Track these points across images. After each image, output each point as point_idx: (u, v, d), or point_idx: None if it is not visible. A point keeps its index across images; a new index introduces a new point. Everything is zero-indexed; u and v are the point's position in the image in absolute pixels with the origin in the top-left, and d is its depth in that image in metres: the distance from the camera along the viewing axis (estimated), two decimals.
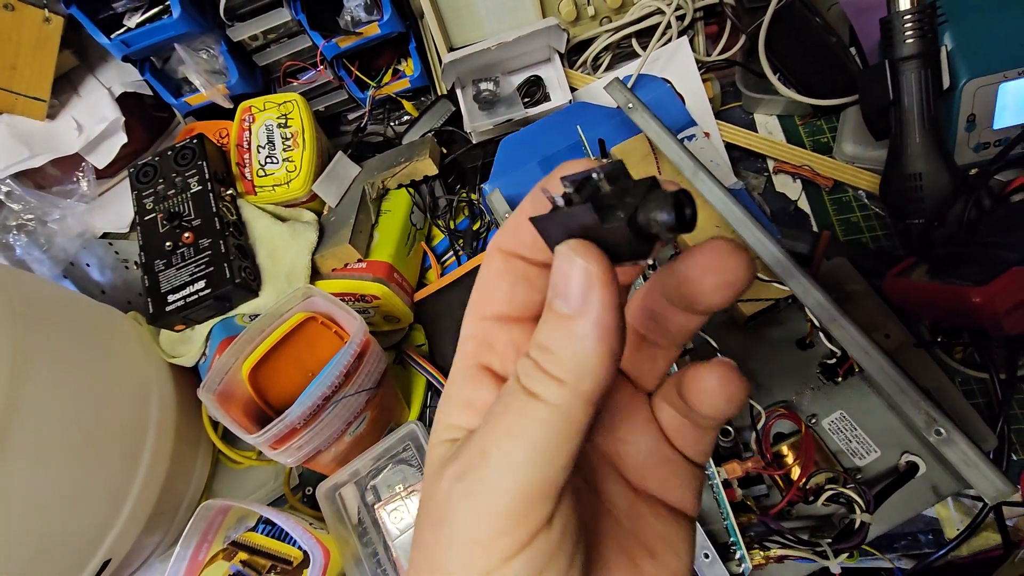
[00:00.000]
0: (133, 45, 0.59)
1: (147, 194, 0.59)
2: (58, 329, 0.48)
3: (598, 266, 0.13)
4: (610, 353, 0.14)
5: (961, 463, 0.31)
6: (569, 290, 0.14)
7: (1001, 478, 0.30)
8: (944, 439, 0.32)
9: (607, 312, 0.13)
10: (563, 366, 0.14)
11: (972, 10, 0.47)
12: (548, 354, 0.14)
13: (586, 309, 0.13)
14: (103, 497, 0.47)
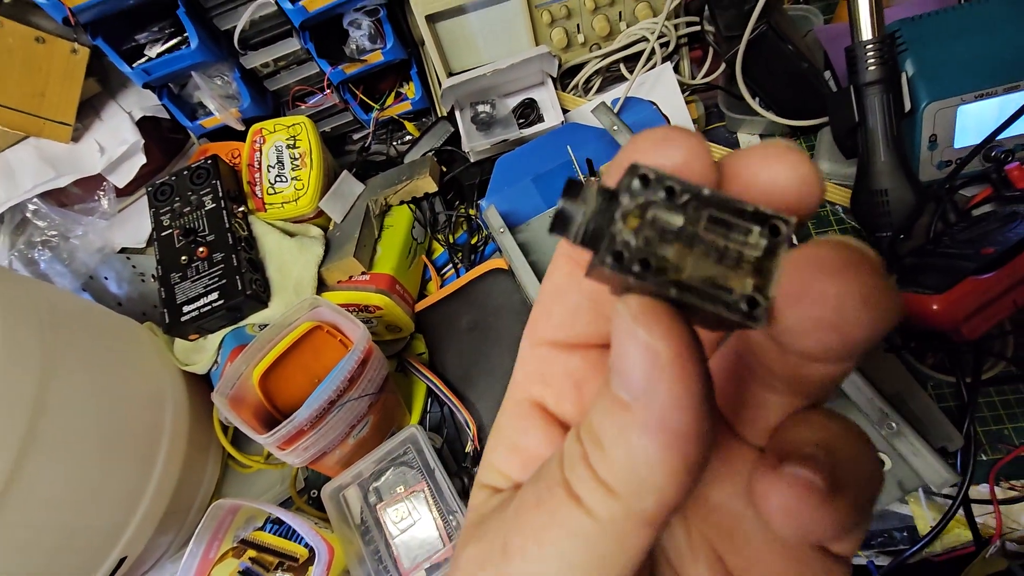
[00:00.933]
0: (153, 73, 0.63)
1: (164, 211, 0.63)
2: (81, 337, 0.51)
3: (667, 345, 0.10)
4: (684, 466, 0.10)
5: (910, 454, 0.34)
6: (627, 370, 0.10)
7: (945, 467, 0.33)
8: (895, 432, 0.34)
9: (679, 412, 0.09)
10: (617, 473, 0.10)
11: (930, 39, 0.51)
12: (599, 449, 0.10)
13: (649, 402, 0.10)
14: (121, 496, 0.50)
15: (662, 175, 0.10)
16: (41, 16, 0.60)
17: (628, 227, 0.10)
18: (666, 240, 0.10)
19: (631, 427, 0.10)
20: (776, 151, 0.11)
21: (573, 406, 0.14)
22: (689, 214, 0.10)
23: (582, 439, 0.11)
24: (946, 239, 0.51)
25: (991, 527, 0.49)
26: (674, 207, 0.10)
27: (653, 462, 0.10)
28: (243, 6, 0.62)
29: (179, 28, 0.62)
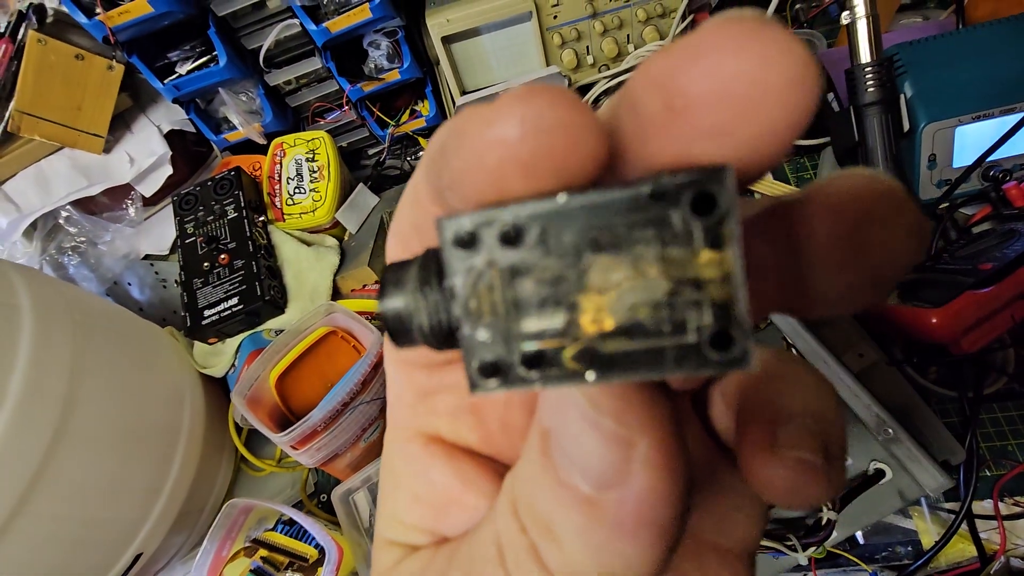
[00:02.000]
0: (183, 89, 0.67)
1: (188, 220, 0.65)
2: (109, 339, 0.54)
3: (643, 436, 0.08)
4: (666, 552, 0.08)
5: (907, 459, 0.35)
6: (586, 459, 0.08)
7: (940, 471, 0.34)
8: (892, 438, 0.35)
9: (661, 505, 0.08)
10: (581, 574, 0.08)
11: (928, 63, 0.52)
12: (553, 544, 0.08)
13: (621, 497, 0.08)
14: (140, 492, 0.52)
15: (484, 219, 0.07)
16: (81, 35, 0.63)
17: (484, 312, 0.07)
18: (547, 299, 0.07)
19: (599, 524, 0.08)
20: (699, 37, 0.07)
21: (473, 431, 0.12)
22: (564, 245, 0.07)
23: (524, 523, 0.09)
24: (946, 256, 0.52)
25: (995, 543, 0.49)
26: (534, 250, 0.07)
27: (632, 563, 0.08)
28: (269, 27, 0.65)
29: (209, 47, 0.65)
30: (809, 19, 0.76)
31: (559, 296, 0.07)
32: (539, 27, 0.68)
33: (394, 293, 0.08)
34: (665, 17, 0.68)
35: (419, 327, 0.08)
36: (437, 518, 0.12)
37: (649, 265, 0.06)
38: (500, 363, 0.07)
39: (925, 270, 0.51)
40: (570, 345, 0.07)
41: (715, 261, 0.06)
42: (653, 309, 0.07)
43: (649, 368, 0.07)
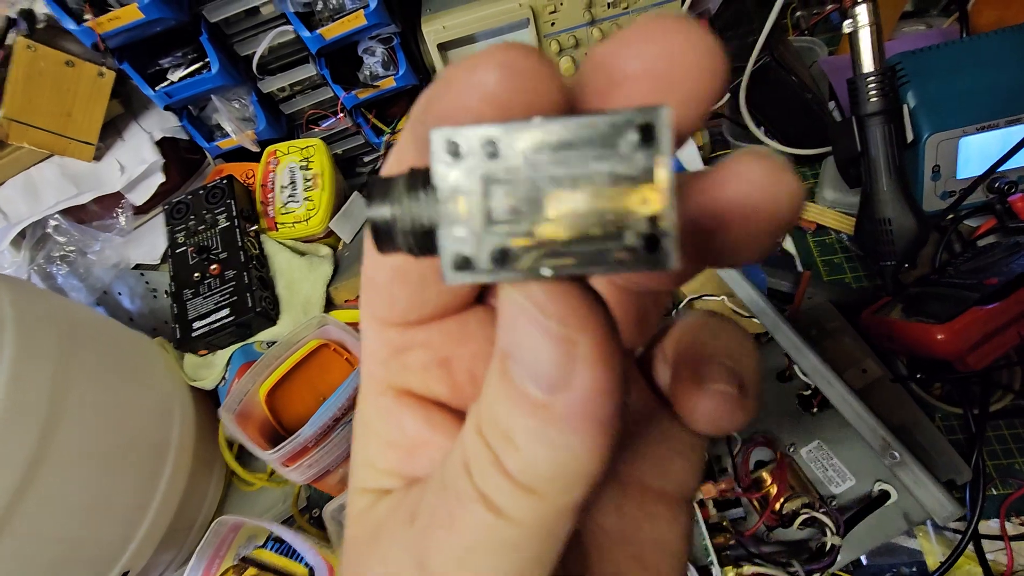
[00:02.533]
0: (175, 96, 0.66)
1: (179, 229, 0.64)
2: (95, 351, 0.52)
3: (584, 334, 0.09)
4: (608, 447, 0.09)
5: (913, 484, 0.34)
6: (536, 364, 0.09)
7: (949, 498, 0.33)
8: (898, 462, 0.34)
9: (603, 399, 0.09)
10: (537, 473, 0.09)
11: (932, 72, 0.51)
12: (511, 449, 0.09)
13: (570, 397, 0.09)
14: (126, 509, 0.51)
15: (473, 132, 0.08)
16: (72, 41, 0.62)
17: (461, 214, 0.08)
18: (517, 208, 0.08)
19: (550, 424, 0.09)
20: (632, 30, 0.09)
21: (442, 384, 0.13)
22: (531, 161, 0.08)
23: (487, 438, 0.10)
24: (950, 269, 0.51)
25: (1002, 564, 0.48)
26: (509, 162, 0.08)
27: (580, 455, 0.09)
28: (263, 33, 0.64)
29: (201, 54, 0.64)
30: (810, 26, 0.75)
31: (525, 205, 0.08)
32: (536, 34, 0.67)
33: (381, 201, 0.09)
34: None
35: (402, 231, 0.09)
36: (408, 460, 0.13)
37: (601, 183, 0.08)
38: (471, 258, 0.08)
39: (929, 284, 0.50)
40: (531, 246, 0.08)
41: (652, 181, 0.08)
42: (601, 219, 0.08)
43: (594, 265, 0.08)
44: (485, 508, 0.10)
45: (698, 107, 0.09)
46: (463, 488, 0.10)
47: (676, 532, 0.14)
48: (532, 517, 0.10)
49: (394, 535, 0.12)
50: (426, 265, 0.11)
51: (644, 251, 0.08)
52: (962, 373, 0.51)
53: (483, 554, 0.10)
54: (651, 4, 0.66)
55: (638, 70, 0.09)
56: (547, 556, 0.10)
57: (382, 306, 0.13)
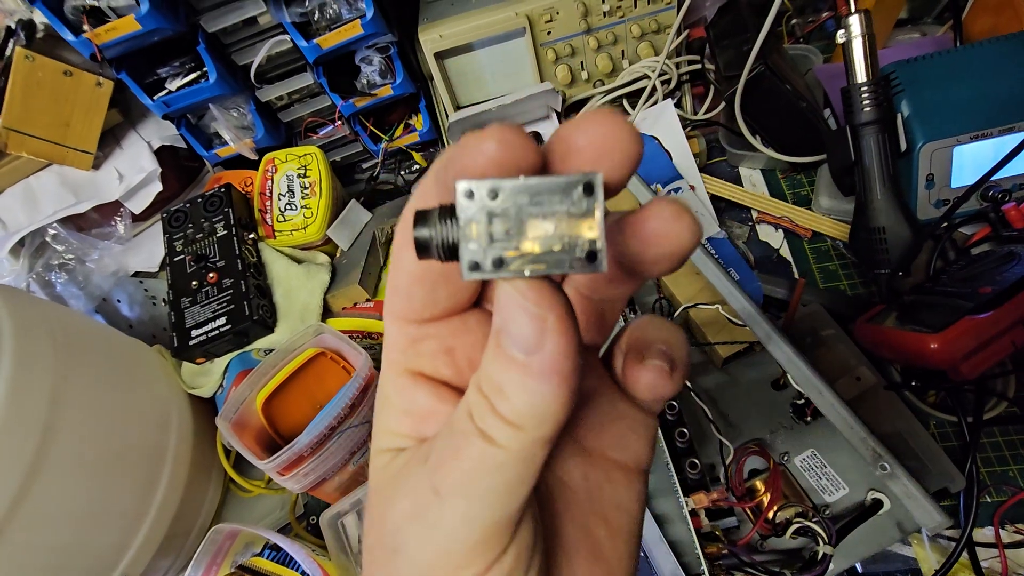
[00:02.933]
0: (173, 105, 0.66)
1: (177, 237, 0.65)
2: (93, 359, 0.53)
3: (552, 313, 0.13)
4: (570, 395, 0.13)
5: (903, 496, 0.34)
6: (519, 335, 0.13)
7: (938, 510, 0.33)
8: (888, 473, 0.34)
9: (564, 359, 0.13)
10: (520, 412, 0.13)
11: (925, 81, 0.52)
12: (503, 398, 0.13)
13: (542, 356, 0.13)
14: (124, 517, 0.51)
15: (482, 184, 0.12)
16: (70, 51, 0.63)
17: (473, 235, 0.12)
18: (508, 231, 0.12)
19: (529, 376, 0.13)
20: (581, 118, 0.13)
21: (448, 368, 0.17)
22: (517, 203, 0.12)
23: (484, 391, 0.14)
24: (944, 277, 0.51)
25: (997, 572, 0.48)
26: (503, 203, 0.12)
27: (549, 399, 0.13)
28: (260, 43, 0.65)
29: (199, 63, 0.65)
30: (805, 34, 0.75)
31: (514, 230, 0.12)
32: (533, 43, 0.67)
33: (423, 226, 0.13)
34: (660, 33, 0.68)
35: (436, 246, 0.13)
36: (420, 425, 0.16)
37: (560, 218, 0.12)
38: (479, 263, 0.12)
39: (923, 292, 0.51)
40: (517, 256, 0.12)
41: (591, 218, 0.12)
42: (561, 240, 0.12)
43: (557, 268, 0.12)
44: (483, 440, 0.13)
45: (623, 170, 0.13)
46: (466, 427, 0.14)
47: (632, 495, 0.18)
48: (517, 445, 0.13)
49: (411, 473, 0.15)
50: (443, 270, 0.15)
51: (587, 260, 0.12)
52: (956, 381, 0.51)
53: (481, 474, 0.14)
54: (646, 13, 0.66)
55: (585, 144, 0.13)
56: (527, 476, 0.14)
57: (402, 306, 0.16)
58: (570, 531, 0.17)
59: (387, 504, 0.15)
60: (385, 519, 0.15)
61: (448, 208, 0.13)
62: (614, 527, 0.17)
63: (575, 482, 0.17)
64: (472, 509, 0.14)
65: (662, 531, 0.41)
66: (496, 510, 0.14)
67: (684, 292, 0.52)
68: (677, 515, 0.41)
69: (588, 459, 0.17)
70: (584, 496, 0.17)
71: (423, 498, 0.14)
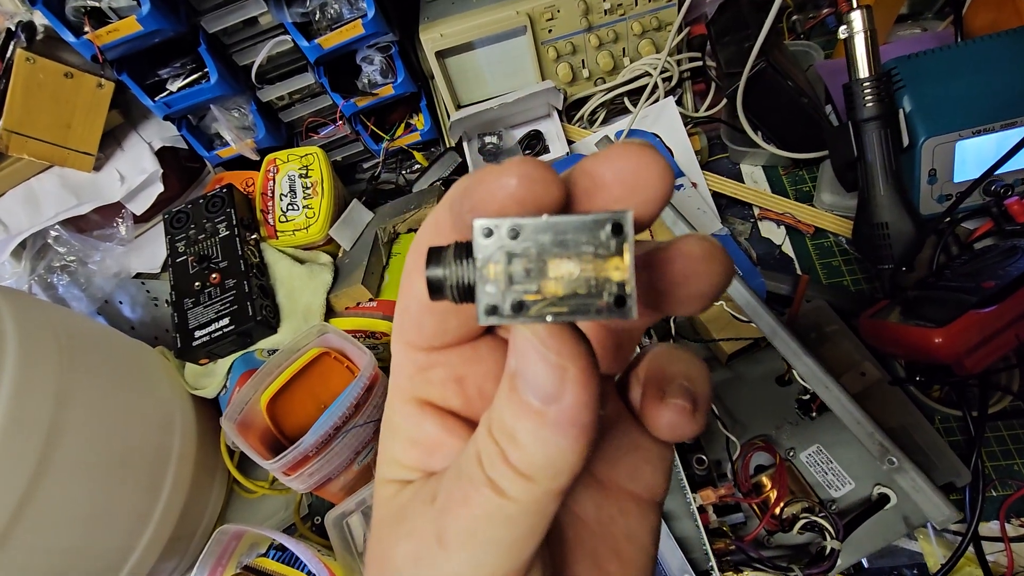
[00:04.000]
0: (174, 106, 0.66)
1: (179, 238, 0.64)
2: (96, 361, 0.52)
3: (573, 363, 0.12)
4: (586, 448, 0.12)
5: (912, 490, 0.34)
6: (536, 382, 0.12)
7: (947, 503, 0.33)
8: (896, 468, 0.34)
9: (584, 411, 0.12)
10: (533, 464, 0.12)
11: (927, 77, 0.52)
12: (515, 446, 0.12)
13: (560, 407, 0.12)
14: (128, 519, 0.51)
15: (502, 222, 0.11)
16: (71, 53, 0.63)
17: (491, 277, 0.11)
18: (529, 273, 0.11)
19: (545, 427, 0.12)
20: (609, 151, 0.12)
21: (457, 398, 0.16)
22: (539, 243, 0.11)
23: (496, 437, 0.13)
24: (948, 272, 0.51)
25: (1003, 565, 0.48)
26: (525, 242, 0.11)
27: (566, 451, 0.12)
28: (261, 43, 0.65)
29: (200, 64, 0.65)
30: (806, 30, 0.75)
31: (535, 272, 0.11)
32: (534, 41, 0.67)
33: (436, 265, 0.12)
34: (661, 30, 0.68)
35: (450, 286, 0.12)
36: (427, 457, 0.16)
37: (586, 259, 0.11)
38: (498, 306, 0.11)
39: (927, 287, 0.51)
40: (538, 299, 0.11)
41: (620, 260, 0.11)
42: (586, 283, 0.11)
43: (581, 314, 0.11)
44: (492, 490, 0.13)
45: (653, 207, 0.12)
46: (476, 475, 0.13)
47: (646, 528, 0.17)
48: (528, 497, 0.13)
49: (417, 513, 0.15)
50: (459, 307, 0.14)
51: (615, 306, 0.11)
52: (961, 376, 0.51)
53: (489, 526, 0.13)
54: (647, 10, 0.66)
55: (612, 180, 0.12)
56: (538, 528, 0.13)
57: (412, 333, 0.16)
58: (581, 565, 0.16)
59: (390, 543, 0.15)
60: (387, 559, 0.15)
61: (464, 246, 0.12)
62: (626, 561, 0.16)
63: (587, 514, 0.17)
64: (478, 561, 0.13)
65: (669, 527, 0.41)
66: (504, 563, 0.13)
67: None
68: (684, 511, 0.41)
69: (601, 490, 0.17)
70: (596, 528, 0.16)
71: (427, 544, 0.14)
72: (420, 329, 0.15)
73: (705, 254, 0.13)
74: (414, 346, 0.16)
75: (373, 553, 0.16)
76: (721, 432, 0.43)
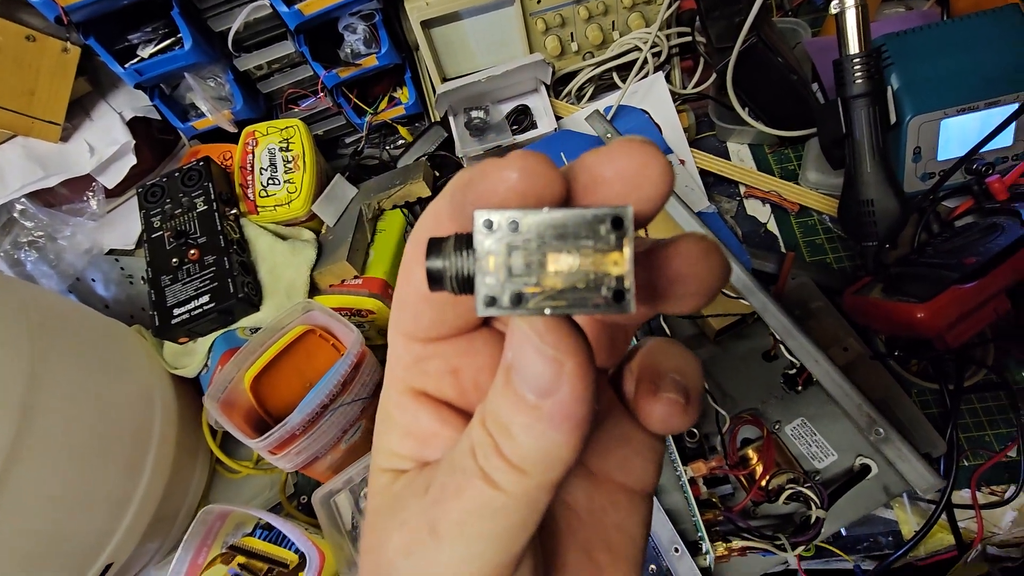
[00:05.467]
0: (145, 74, 0.63)
1: (155, 213, 0.62)
2: (70, 341, 0.51)
3: (570, 357, 0.12)
4: (580, 443, 0.12)
5: (897, 459, 0.35)
6: (533, 375, 0.12)
7: (931, 471, 0.34)
8: (883, 438, 0.35)
9: (579, 405, 0.12)
10: (526, 457, 0.12)
11: (915, 54, 0.52)
12: (509, 439, 0.12)
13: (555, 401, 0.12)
14: (108, 502, 0.49)
15: (502, 215, 0.11)
16: (32, 14, 0.59)
17: (491, 268, 0.12)
18: (529, 266, 0.12)
19: (539, 421, 0.12)
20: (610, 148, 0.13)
21: (452, 390, 0.16)
22: (540, 236, 0.11)
23: (490, 430, 0.13)
24: (930, 249, 0.52)
25: (973, 531, 0.50)
26: (525, 235, 0.11)
27: (560, 444, 0.12)
28: (238, 8, 0.62)
29: (173, 29, 0.62)
30: (794, 7, 0.75)
31: (534, 265, 0.11)
32: (522, 12, 0.65)
33: (436, 256, 0.12)
34: (651, 3, 0.67)
35: (450, 277, 0.12)
36: (422, 447, 0.16)
37: (585, 253, 0.11)
38: (496, 298, 0.12)
39: (909, 264, 0.52)
40: (537, 292, 0.11)
41: (619, 255, 0.11)
42: (585, 277, 0.11)
43: (580, 307, 0.11)
44: (485, 482, 0.13)
45: (653, 204, 0.12)
46: (469, 467, 0.13)
47: (636, 519, 0.17)
48: (520, 490, 0.13)
49: (410, 504, 0.15)
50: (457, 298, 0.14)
51: (613, 300, 0.11)
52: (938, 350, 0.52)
53: (481, 518, 0.13)
54: None
55: (613, 176, 0.12)
56: (529, 521, 0.13)
57: (409, 324, 0.16)
58: (572, 555, 0.16)
59: (384, 533, 0.15)
60: (381, 549, 0.15)
61: (464, 238, 0.12)
62: (617, 552, 0.17)
63: (579, 505, 0.17)
64: (470, 552, 0.13)
65: (659, 500, 0.41)
66: (495, 554, 0.13)
67: None
68: (674, 484, 0.42)
69: (593, 482, 0.17)
70: (587, 519, 0.17)
71: (419, 535, 0.14)
72: (418, 320, 0.16)
73: (703, 253, 0.13)
74: (411, 337, 0.16)
75: (367, 542, 0.16)
76: (711, 406, 0.43)
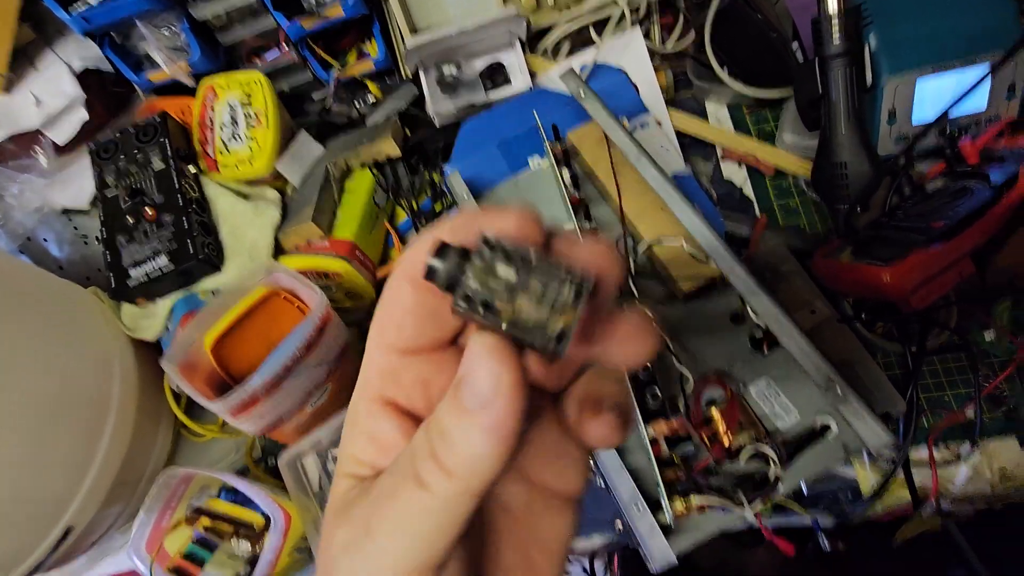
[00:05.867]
0: (93, 21, 0.59)
1: (108, 171, 0.59)
2: (21, 302, 0.49)
3: (508, 373, 0.14)
4: (505, 454, 0.14)
5: (853, 418, 0.35)
6: (476, 387, 0.14)
7: (884, 429, 0.34)
8: (840, 398, 0.36)
9: (509, 419, 0.14)
10: (457, 460, 0.14)
11: (894, 13, 0.51)
12: (445, 443, 0.14)
13: (490, 412, 0.14)
14: (66, 467, 0.48)
15: (501, 243, 0.14)
16: None
17: (476, 279, 0.14)
18: (504, 289, 0.14)
19: (474, 427, 0.14)
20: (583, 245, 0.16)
21: (421, 400, 0.18)
22: (519, 270, 0.14)
23: (431, 435, 0.15)
24: (900, 213, 0.52)
25: (928, 488, 0.52)
26: (509, 265, 0.14)
27: (487, 453, 0.14)
28: None
29: None
30: None
31: (508, 289, 0.14)
32: None
33: (442, 257, 0.15)
34: None
35: (442, 276, 0.14)
36: (381, 456, 0.17)
37: (546, 300, 0.14)
38: (471, 299, 0.14)
39: (879, 227, 0.51)
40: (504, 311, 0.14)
41: (572, 310, 0.14)
42: (540, 317, 0.14)
43: (528, 337, 0.14)
44: (417, 484, 0.14)
45: (611, 284, 0.16)
46: (406, 469, 0.15)
47: (566, 521, 0.19)
48: (447, 493, 0.14)
49: (355, 507, 0.16)
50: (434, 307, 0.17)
51: (554, 342, 0.14)
52: (903, 313, 0.53)
53: (410, 517, 0.15)
54: None
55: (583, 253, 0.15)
56: (455, 523, 0.15)
57: (392, 334, 0.17)
58: (509, 554, 0.18)
59: (332, 531, 0.16)
60: (328, 545, 0.16)
61: (462, 250, 0.15)
62: (549, 551, 0.19)
63: (518, 508, 0.19)
64: (398, 550, 0.15)
65: (622, 460, 0.42)
66: (420, 553, 0.15)
67: (649, 229, 0.52)
68: (637, 444, 0.42)
69: (531, 488, 0.19)
70: (525, 521, 0.19)
71: (358, 532, 0.15)
72: (400, 331, 0.17)
73: (636, 331, 0.16)
74: (391, 348, 0.17)
75: (322, 539, 0.17)
76: (675, 367, 0.43)
